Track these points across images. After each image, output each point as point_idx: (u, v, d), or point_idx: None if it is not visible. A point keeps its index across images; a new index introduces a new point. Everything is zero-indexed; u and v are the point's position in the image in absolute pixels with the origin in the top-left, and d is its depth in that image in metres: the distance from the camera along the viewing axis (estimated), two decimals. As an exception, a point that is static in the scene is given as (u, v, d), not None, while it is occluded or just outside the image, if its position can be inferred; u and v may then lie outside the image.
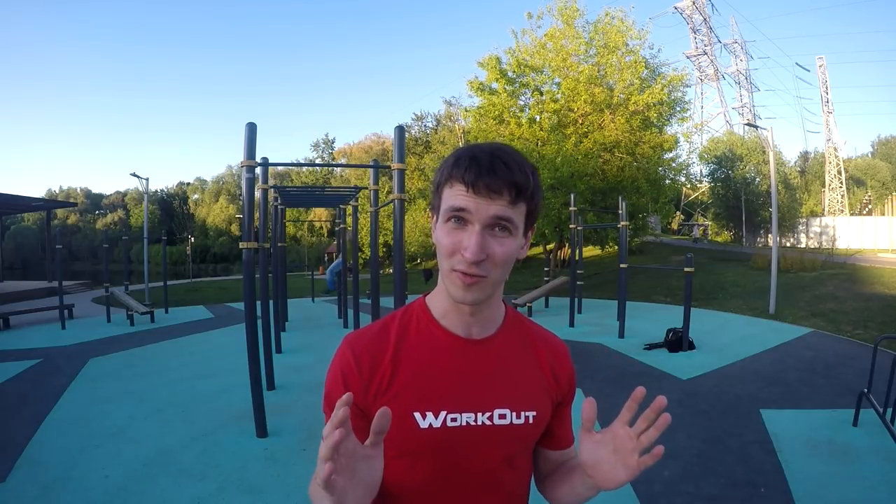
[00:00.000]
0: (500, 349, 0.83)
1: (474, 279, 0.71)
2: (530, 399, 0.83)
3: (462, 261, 0.70)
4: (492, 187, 0.69)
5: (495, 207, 0.70)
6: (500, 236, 0.71)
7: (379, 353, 0.78)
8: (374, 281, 5.44)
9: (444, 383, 0.77)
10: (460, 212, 0.70)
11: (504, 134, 16.80)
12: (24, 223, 65.26)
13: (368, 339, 0.80)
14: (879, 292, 11.28)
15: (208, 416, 4.56)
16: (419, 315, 0.82)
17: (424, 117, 41.65)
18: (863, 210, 37.86)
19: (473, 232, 0.70)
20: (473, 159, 0.70)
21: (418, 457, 0.77)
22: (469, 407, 0.77)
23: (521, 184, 0.70)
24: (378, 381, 0.77)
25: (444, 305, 0.80)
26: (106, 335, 9.10)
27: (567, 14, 16.35)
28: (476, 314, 0.79)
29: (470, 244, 0.69)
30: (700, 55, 43.73)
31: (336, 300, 11.76)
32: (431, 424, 0.75)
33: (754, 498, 3.02)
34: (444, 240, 0.72)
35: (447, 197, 0.72)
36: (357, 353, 0.78)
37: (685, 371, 5.95)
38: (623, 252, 8.92)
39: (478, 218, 0.70)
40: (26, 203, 19.96)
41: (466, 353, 0.80)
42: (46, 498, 3.10)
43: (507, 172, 0.69)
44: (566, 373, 0.90)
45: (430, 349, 0.79)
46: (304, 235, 48.27)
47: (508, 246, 0.72)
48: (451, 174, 0.72)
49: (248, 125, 4.06)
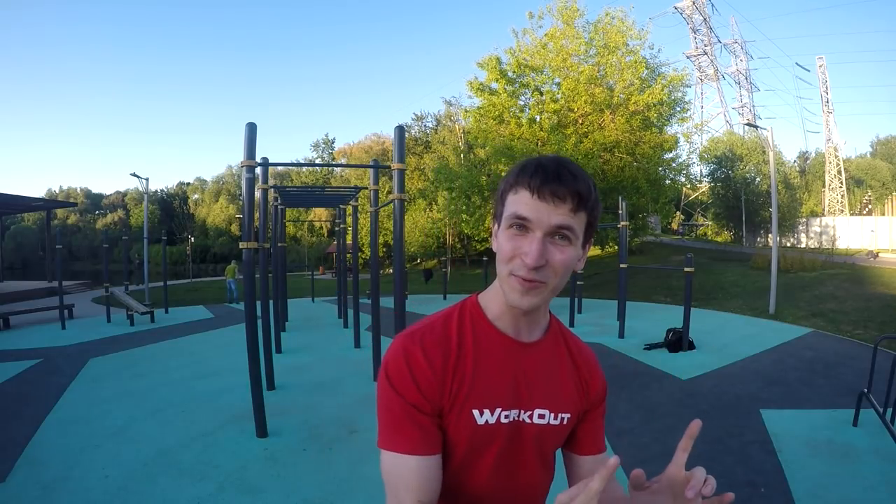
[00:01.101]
0: (545, 353, 0.87)
1: (533, 284, 0.73)
2: (567, 402, 0.87)
3: (521, 266, 0.73)
4: (556, 193, 0.71)
5: (557, 216, 0.72)
6: (561, 244, 0.74)
7: (447, 354, 0.80)
8: (374, 281, 5.45)
9: (500, 382, 0.81)
10: (523, 220, 0.73)
11: (504, 134, 16.80)
12: (24, 223, 65.26)
13: (434, 340, 0.81)
14: (879, 292, 11.28)
15: (208, 416, 4.56)
16: (474, 315, 0.85)
17: (424, 117, 41.67)
18: (863, 210, 37.86)
19: (535, 239, 0.72)
20: (540, 166, 0.73)
21: (471, 449, 0.81)
22: (517, 404, 0.82)
23: (583, 193, 0.73)
24: (450, 381, 0.79)
25: (499, 307, 0.83)
26: (106, 335, 9.10)
27: (567, 14, 16.35)
28: (528, 317, 0.83)
29: (531, 250, 0.72)
30: (700, 55, 43.72)
31: (336, 300, 11.77)
32: (487, 421, 0.80)
33: (754, 498, 3.02)
34: (505, 245, 0.75)
35: (511, 203, 0.75)
36: (427, 350, 0.79)
37: (685, 371, 5.95)
38: (623, 252, 8.92)
39: (539, 225, 0.72)
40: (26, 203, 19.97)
41: (517, 354, 0.84)
42: (46, 498, 3.10)
43: (571, 181, 0.72)
44: (598, 383, 0.93)
45: (489, 349, 0.82)
46: (304, 235, 48.24)
47: (568, 254, 0.74)
48: (517, 181, 0.74)
49: (248, 125, 4.06)
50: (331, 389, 5.40)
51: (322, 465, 3.52)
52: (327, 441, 3.94)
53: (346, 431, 4.10)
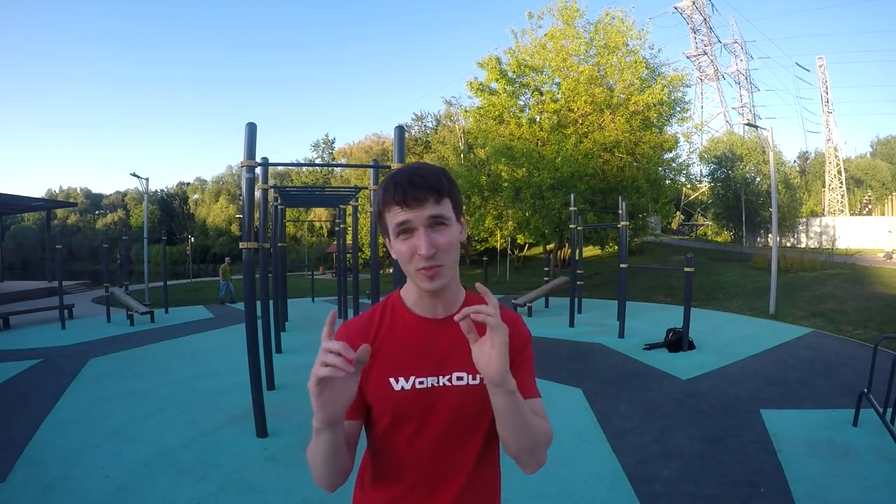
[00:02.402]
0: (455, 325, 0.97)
1: (434, 270, 0.89)
2: None
3: (420, 259, 0.88)
4: (417, 197, 0.87)
5: (427, 211, 0.88)
6: (440, 229, 0.90)
7: (366, 334, 0.98)
8: (374, 281, 5.44)
9: (413, 355, 0.96)
10: (404, 224, 0.89)
11: (504, 134, 16.80)
12: (24, 223, 65.23)
13: (359, 324, 1.01)
14: (879, 292, 11.28)
15: (208, 416, 4.56)
16: (395, 305, 1.02)
17: (424, 117, 41.67)
18: (863, 210, 37.85)
19: (420, 234, 0.88)
20: (397, 184, 0.88)
21: (394, 414, 0.95)
22: (433, 372, 0.96)
23: (437, 186, 0.89)
24: None
25: (415, 296, 1.00)
26: (106, 335, 9.10)
27: (567, 14, 16.35)
28: (439, 297, 0.97)
29: (421, 244, 0.87)
30: (700, 55, 43.70)
31: (336, 300, 11.76)
32: (403, 387, 0.95)
33: (754, 498, 3.02)
34: (402, 248, 0.90)
35: (390, 218, 0.90)
36: (350, 334, 0.99)
37: (685, 371, 5.95)
38: (623, 252, 8.92)
39: (418, 223, 0.88)
40: (26, 203, 19.97)
41: (432, 329, 0.98)
42: (46, 498, 3.10)
43: (424, 183, 0.88)
44: (515, 338, 0.99)
45: (403, 329, 0.99)
46: (304, 235, 48.25)
47: (449, 235, 0.91)
48: (385, 201, 0.90)
49: (248, 125, 4.06)
50: (331, 389, 5.38)
51: (322, 465, 3.52)
52: (327, 441, 3.94)
53: (346, 431, 4.10)
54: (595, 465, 3.51)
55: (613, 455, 3.65)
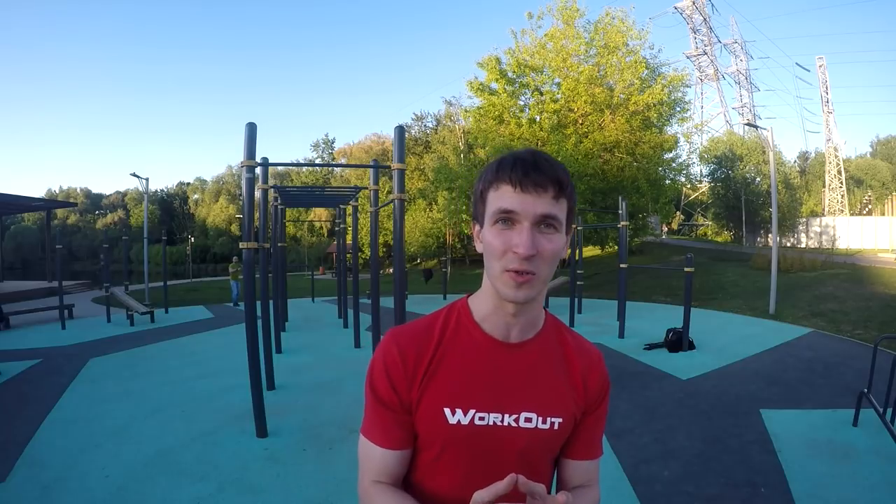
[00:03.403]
0: (535, 354, 0.85)
1: (526, 277, 0.73)
2: (558, 405, 0.84)
3: (514, 259, 0.73)
4: (538, 182, 0.73)
5: (542, 204, 0.73)
6: (548, 233, 0.75)
7: (423, 349, 0.82)
8: (374, 281, 5.44)
9: (476, 383, 0.81)
10: (508, 213, 0.74)
11: (504, 134, 16.79)
12: (24, 223, 65.22)
13: (413, 335, 0.83)
14: (879, 292, 11.28)
15: (208, 416, 4.56)
16: (461, 316, 0.86)
17: (424, 117, 41.64)
18: (863, 210, 37.84)
19: (523, 229, 0.73)
20: (518, 159, 0.75)
21: (444, 450, 0.81)
22: (497, 407, 0.80)
23: (563, 180, 0.75)
24: (421, 376, 0.81)
25: (487, 308, 0.83)
26: (106, 335, 9.10)
27: (567, 14, 16.34)
28: (519, 315, 0.81)
29: (521, 241, 0.72)
30: (700, 55, 43.67)
31: (336, 300, 11.76)
32: (460, 421, 0.79)
33: (754, 498, 3.02)
34: (495, 241, 0.75)
35: (493, 200, 0.76)
36: (402, 347, 0.82)
37: (685, 371, 5.95)
38: (623, 252, 8.92)
39: (526, 216, 0.73)
40: (26, 203, 19.97)
41: (501, 355, 0.83)
42: (46, 498, 3.10)
43: (550, 169, 0.74)
44: (596, 382, 0.88)
45: (468, 350, 0.82)
46: (304, 235, 48.21)
47: (556, 243, 0.75)
48: (497, 177, 0.75)
49: (248, 125, 4.06)
50: (331, 389, 5.40)
51: (322, 465, 3.52)
52: (327, 441, 3.94)
53: (346, 431, 4.10)
54: (595, 465, 3.51)
55: (613, 455, 3.65)
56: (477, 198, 0.80)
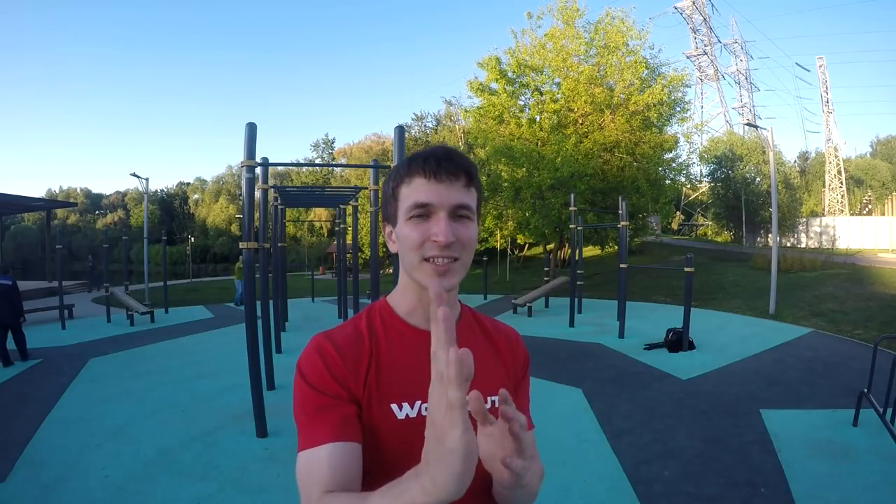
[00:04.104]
0: (461, 340, 0.81)
1: (446, 265, 0.75)
2: (493, 384, 0.84)
3: (433, 247, 0.74)
4: (450, 171, 0.75)
5: (455, 194, 0.76)
6: (463, 221, 0.77)
7: (358, 350, 0.80)
8: (374, 281, 5.44)
9: (416, 375, 0.79)
10: (424, 206, 0.75)
11: (504, 134, 16.80)
12: (24, 223, 65.20)
13: (345, 336, 0.82)
14: (879, 292, 11.28)
15: (208, 416, 4.56)
16: (384, 315, 0.86)
17: (424, 117, 41.60)
18: (863, 210, 37.84)
19: (440, 218, 0.75)
20: (430, 155, 0.77)
21: (399, 447, 0.76)
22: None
23: (471, 170, 0.78)
24: (364, 373, 0.79)
25: (409, 303, 0.84)
26: (106, 335, 9.10)
27: (567, 14, 16.35)
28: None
29: (440, 229, 0.74)
30: (700, 55, 43.66)
31: (336, 300, 11.76)
32: (408, 415, 0.78)
33: (754, 498, 3.02)
34: (412, 234, 0.76)
35: (407, 195, 0.77)
36: (339, 345, 0.80)
37: (685, 371, 5.95)
38: (623, 252, 8.92)
39: (441, 206, 0.75)
40: (26, 203, 19.96)
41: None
42: (46, 498, 3.10)
43: (460, 158, 0.77)
44: (521, 357, 0.94)
45: (401, 345, 0.83)
46: (304, 235, 48.20)
47: (472, 230, 0.78)
48: (409, 171, 0.77)
49: (249, 125, 4.06)
50: (331, 389, 5.39)
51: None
52: (327, 441, 3.94)
53: (346, 431, 4.09)
54: (595, 465, 3.51)
55: (613, 455, 3.65)
56: (388, 197, 0.81)
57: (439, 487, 0.52)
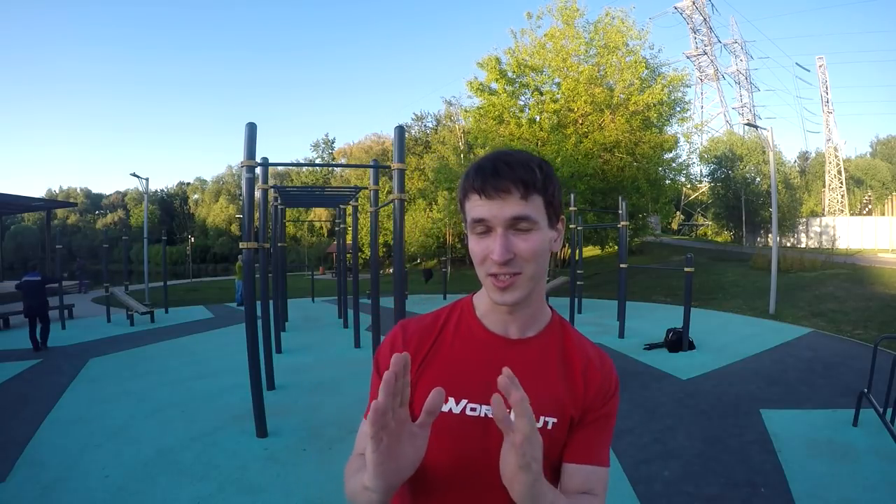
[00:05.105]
0: (535, 351, 0.84)
1: (507, 281, 0.75)
2: (553, 405, 0.81)
3: (493, 264, 0.75)
4: (500, 188, 0.73)
5: (509, 208, 0.74)
6: (523, 233, 0.75)
7: (424, 338, 0.86)
8: (375, 281, 5.44)
9: (471, 375, 0.81)
10: (480, 222, 0.75)
11: (504, 134, 16.80)
12: (24, 223, 65.20)
13: (419, 325, 0.88)
14: (879, 292, 11.27)
15: (208, 416, 4.56)
16: (463, 311, 0.89)
17: (424, 117, 41.64)
18: (863, 210, 37.84)
19: (496, 235, 0.74)
20: (479, 168, 0.76)
21: (434, 437, 0.74)
22: (489, 400, 0.75)
23: (527, 179, 0.74)
24: (421, 359, 0.84)
25: (486, 305, 0.86)
26: (106, 335, 9.11)
27: (567, 14, 16.35)
28: (514, 313, 0.82)
29: (496, 247, 0.74)
30: (700, 55, 43.66)
31: (336, 300, 11.76)
32: (451, 409, 0.79)
33: (754, 498, 3.02)
34: (476, 248, 0.77)
35: (468, 210, 0.78)
36: (408, 334, 0.87)
37: (685, 371, 5.95)
38: (623, 252, 8.92)
39: (497, 222, 0.74)
40: (26, 203, 19.92)
41: (499, 350, 0.83)
42: (46, 498, 3.10)
43: (510, 172, 0.74)
44: (597, 382, 0.87)
45: (467, 342, 0.85)
46: (304, 235, 48.21)
47: (533, 241, 0.76)
48: (465, 187, 0.78)
49: (249, 125, 4.06)
50: (331, 389, 5.40)
51: (322, 465, 3.52)
52: (327, 441, 3.94)
53: (346, 431, 4.10)
54: (595, 465, 3.51)
55: (613, 455, 3.65)
56: (459, 208, 0.83)
57: (371, 480, 0.66)
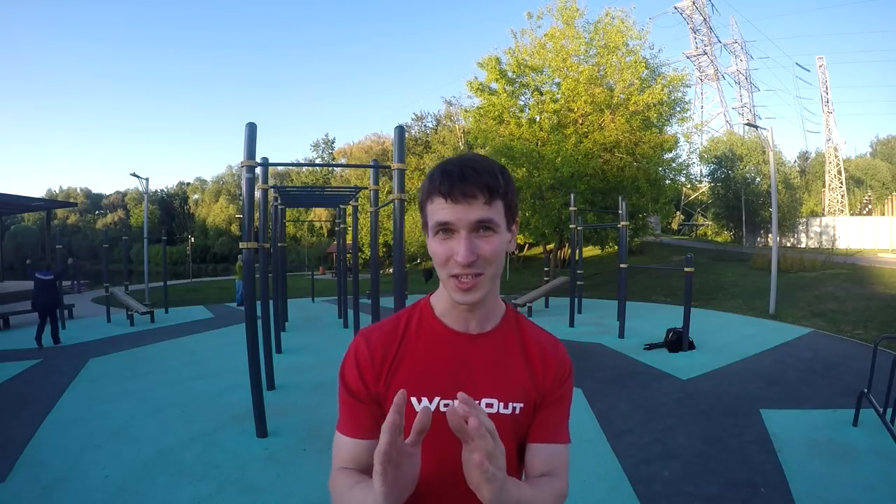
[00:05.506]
0: (495, 344, 0.90)
1: (470, 282, 0.79)
2: (518, 391, 0.88)
3: (456, 265, 0.78)
4: (467, 192, 0.77)
5: (474, 212, 0.77)
6: (486, 236, 0.79)
7: (389, 344, 0.88)
8: (374, 281, 5.44)
9: (440, 372, 0.86)
10: (445, 224, 0.78)
11: (504, 134, 16.79)
12: (24, 223, 65.20)
13: (381, 332, 0.90)
14: (879, 292, 11.27)
15: (208, 416, 4.56)
16: (423, 312, 0.92)
17: (424, 117, 41.62)
18: (863, 210, 37.83)
19: (461, 238, 0.77)
20: (446, 173, 0.78)
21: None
22: None
23: (492, 185, 0.78)
24: (387, 369, 0.86)
25: (445, 305, 0.89)
26: (106, 335, 9.10)
27: (567, 14, 16.35)
28: (474, 310, 0.86)
29: (460, 249, 0.77)
30: (700, 55, 43.65)
31: (336, 300, 11.76)
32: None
33: (754, 498, 3.02)
34: (438, 250, 0.80)
35: (431, 213, 0.80)
36: (371, 342, 0.88)
37: (685, 371, 5.95)
38: (623, 252, 8.92)
39: (462, 225, 0.77)
40: (26, 203, 19.92)
41: (462, 346, 0.88)
42: (46, 498, 3.10)
43: (477, 177, 0.77)
44: (552, 368, 0.92)
45: (430, 342, 0.88)
46: (304, 235, 48.22)
47: (495, 243, 0.80)
48: (430, 190, 0.80)
49: (249, 125, 4.06)
50: (331, 389, 5.38)
51: (322, 465, 3.52)
52: (327, 441, 3.91)
53: (346, 431, 4.09)
54: (595, 465, 3.51)
55: (613, 455, 3.66)
56: (420, 208, 0.85)
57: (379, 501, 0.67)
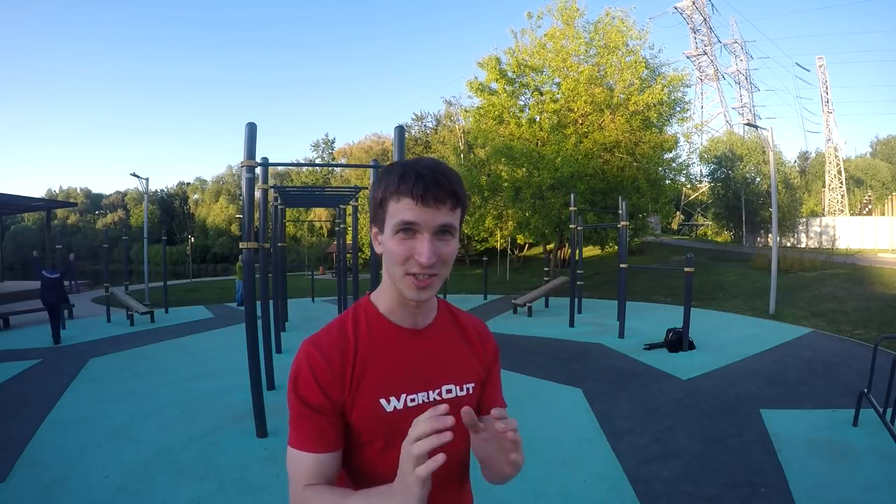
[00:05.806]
0: (440, 334, 0.96)
1: (426, 281, 0.82)
2: (469, 372, 0.96)
3: (416, 265, 0.81)
4: (438, 197, 0.79)
5: (441, 216, 0.80)
6: (445, 239, 0.82)
7: (345, 352, 0.87)
8: (375, 281, 5.44)
9: (401, 370, 0.89)
10: (410, 224, 0.80)
11: (504, 134, 16.80)
12: (24, 223, 65.19)
13: (329, 339, 0.88)
14: (879, 292, 11.27)
15: (208, 416, 4.56)
16: (368, 314, 0.92)
17: (424, 117, 41.58)
18: (863, 210, 37.83)
19: (424, 239, 0.80)
20: (419, 176, 0.79)
21: (388, 439, 0.86)
22: (422, 387, 0.90)
23: (459, 193, 0.82)
24: (349, 376, 0.86)
25: (392, 303, 0.91)
26: (106, 335, 9.10)
27: (567, 14, 16.35)
28: (421, 307, 0.90)
29: (424, 250, 0.79)
30: (700, 55, 43.66)
31: (336, 300, 11.76)
32: (395, 407, 0.87)
33: (754, 498, 3.02)
34: (397, 249, 0.81)
35: (395, 211, 0.81)
36: (325, 352, 0.86)
37: (685, 371, 5.95)
38: (623, 252, 8.92)
39: (427, 228, 0.80)
40: (26, 203, 19.93)
41: (414, 341, 0.91)
42: (46, 498, 3.10)
43: (448, 184, 0.81)
44: (490, 345, 1.03)
45: (384, 342, 0.90)
46: (304, 235, 48.22)
47: (452, 247, 0.84)
48: (399, 190, 0.80)
49: (249, 125, 4.06)
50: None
51: (322, 465, 3.52)
52: (327, 441, 3.94)
53: (346, 431, 4.10)
54: (595, 465, 3.51)
55: (613, 455, 3.65)
56: (377, 203, 0.85)
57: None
